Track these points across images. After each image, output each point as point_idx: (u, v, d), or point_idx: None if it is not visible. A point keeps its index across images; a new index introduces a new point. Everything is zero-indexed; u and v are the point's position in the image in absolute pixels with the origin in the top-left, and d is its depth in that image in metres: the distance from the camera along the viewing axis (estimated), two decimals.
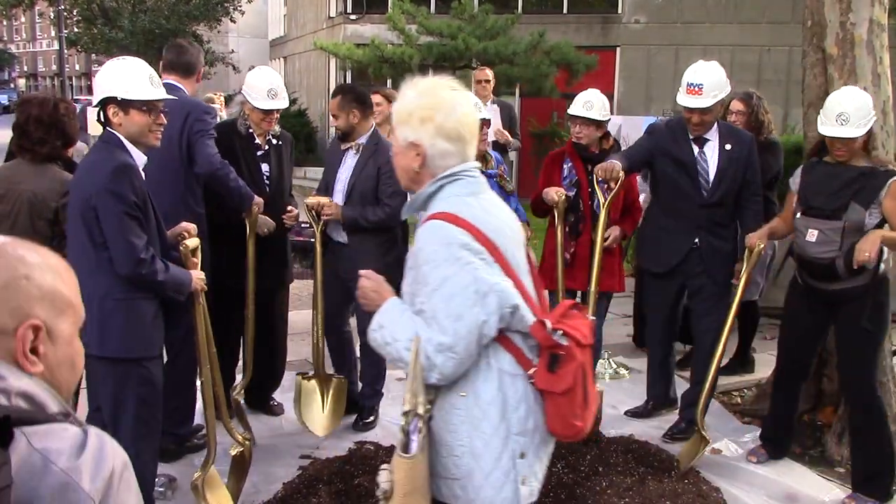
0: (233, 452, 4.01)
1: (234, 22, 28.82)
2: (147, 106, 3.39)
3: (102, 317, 3.32)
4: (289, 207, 5.01)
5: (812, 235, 4.14)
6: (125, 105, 3.36)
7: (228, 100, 9.85)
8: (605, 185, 4.69)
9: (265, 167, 4.92)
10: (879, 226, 4.01)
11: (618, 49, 20.68)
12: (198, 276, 3.57)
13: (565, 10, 21.12)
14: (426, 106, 2.29)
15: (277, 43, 31.19)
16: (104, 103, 3.40)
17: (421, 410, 2.19)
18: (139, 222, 3.32)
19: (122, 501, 1.24)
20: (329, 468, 4.32)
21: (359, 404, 5.10)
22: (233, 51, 30.06)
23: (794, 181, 4.39)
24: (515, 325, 2.28)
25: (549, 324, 2.26)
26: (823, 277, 4.18)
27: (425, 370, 2.19)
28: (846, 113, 4.06)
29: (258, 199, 4.61)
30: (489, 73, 8.39)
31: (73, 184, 3.48)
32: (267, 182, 4.91)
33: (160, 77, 3.64)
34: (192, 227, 3.68)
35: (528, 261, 2.43)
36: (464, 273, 2.17)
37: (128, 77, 3.38)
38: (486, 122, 4.81)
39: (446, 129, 2.26)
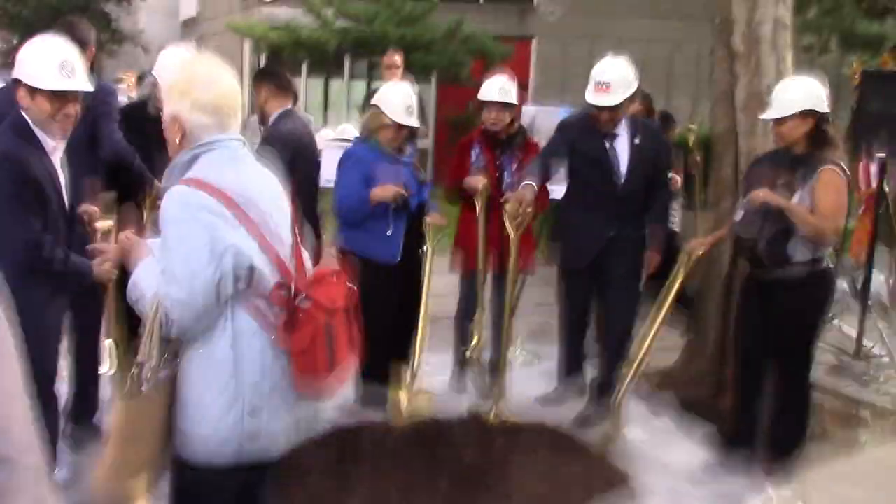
0: None
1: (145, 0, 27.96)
2: (52, 94, 3.24)
3: None
4: None
5: (738, 214, 4.22)
6: (32, 90, 3.24)
7: (140, 80, 9.57)
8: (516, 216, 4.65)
9: None
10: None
11: (534, 39, 20.87)
12: (100, 267, 3.24)
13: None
14: (184, 80, 2.45)
15: (190, 23, 30.43)
16: (17, 84, 3.29)
17: (153, 363, 2.33)
18: (30, 210, 3.20)
19: None
20: None
21: None
22: (142, 30, 29.17)
23: None
24: (256, 287, 2.40)
25: (292, 287, 2.40)
26: (754, 262, 4.24)
27: (165, 325, 2.30)
28: (776, 96, 4.19)
29: (156, 184, 4.51)
30: (397, 59, 8.27)
31: None
32: None
33: None
34: (94, 209, 3.57)
35: (293, 232, 2.58)
36: (201, 233, 2.30)
37: (37, 61, 3.24)
38: (411, 130, 4.80)
39: (202, 103, 2.40)
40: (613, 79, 4.67)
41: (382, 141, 4.73)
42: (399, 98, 4.72)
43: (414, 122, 4.77)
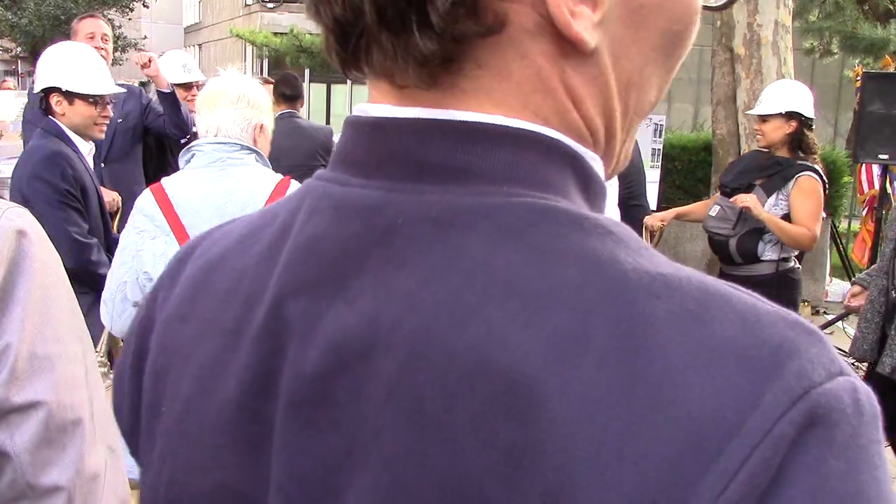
0: None
1: (147, 7, 28.07)
2: (93, 98, 3.26)
3: None
4: None
5: (714, 210, 4.27)
6: (70, 95, 3.23)
7: (143, 86, 9.63)
8: None
9: None
10: (785, 219, 4.05)
11: None
12: None
13: None
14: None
15: (192, 29, 30.55)
16: (48, 91, 3.26)
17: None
18: (78, 211, 3.17)
19: (24, 293, 0.98)
20: None
21: None
22: (145, 37, 29.32)
23: None
24: None
25: None
26: (723, 258, 4.29)
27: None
28: (764, 96, 4.24)
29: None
30: None
31: (12, 175, 3.31)
32: None
33: None
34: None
35: None
36: (129, 233, 2.32)
37: (75, 67, 3.25)
38: None
39: (199, 101, 2.45)
40: None
41: None
42: None
43: None
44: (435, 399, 0.43)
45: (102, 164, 4.32)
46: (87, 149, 3.33)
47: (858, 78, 6.84)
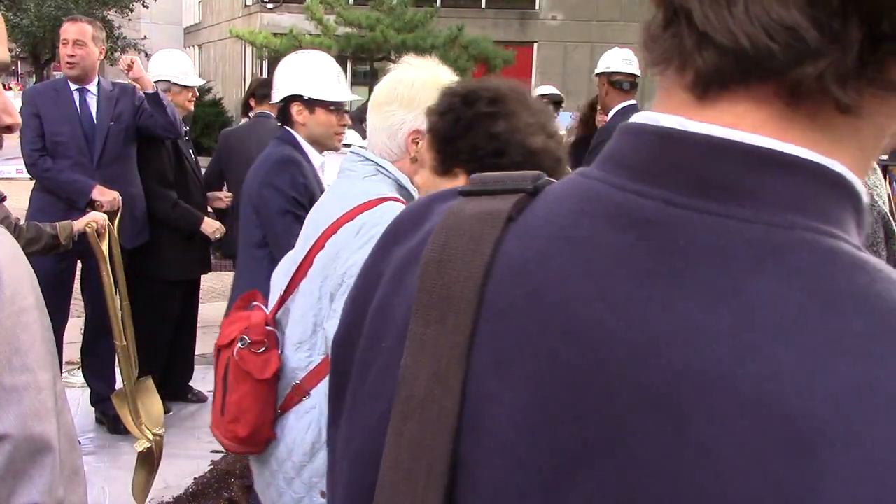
0: (139, 449, 3.92)
1: (147, 7, 28.08)
2: (335, 106, 3.25)
3: None
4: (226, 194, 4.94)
5: None
6: (311, 104, 3.22)
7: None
8: None
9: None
10: None
11: (535, 45, 20.92)
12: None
13: (483, 5, 21.27)
14: None
15: (192, 30, 30.56)
16: (288, 101, 3.26)
17: None
18: (303, 220, 3.11)
19: None
20: (241, 462, 4.28)
21: None
22: (145, 37, 29.33)
23: None
24: None
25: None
26: None
27: None
28: None
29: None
30: None
31: (245, 186, 3.31)
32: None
33: None
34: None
35: (303, 262, 2.16)
36: None
37: (316, 75, 3.25)
38: None
39: None
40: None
41: None
42: None
43: None
44: (702, 420, 0.43)
45: (96, 167, 4.30)
46: (318, 161, 3.28)
47: None
